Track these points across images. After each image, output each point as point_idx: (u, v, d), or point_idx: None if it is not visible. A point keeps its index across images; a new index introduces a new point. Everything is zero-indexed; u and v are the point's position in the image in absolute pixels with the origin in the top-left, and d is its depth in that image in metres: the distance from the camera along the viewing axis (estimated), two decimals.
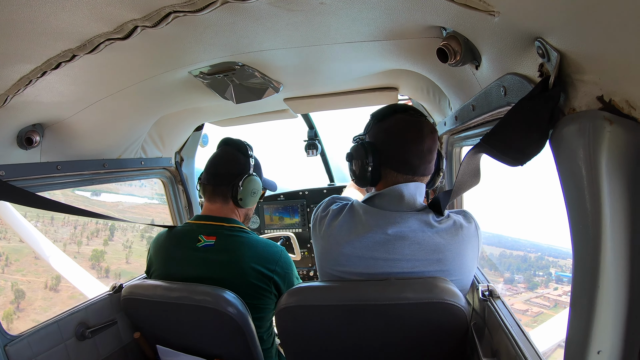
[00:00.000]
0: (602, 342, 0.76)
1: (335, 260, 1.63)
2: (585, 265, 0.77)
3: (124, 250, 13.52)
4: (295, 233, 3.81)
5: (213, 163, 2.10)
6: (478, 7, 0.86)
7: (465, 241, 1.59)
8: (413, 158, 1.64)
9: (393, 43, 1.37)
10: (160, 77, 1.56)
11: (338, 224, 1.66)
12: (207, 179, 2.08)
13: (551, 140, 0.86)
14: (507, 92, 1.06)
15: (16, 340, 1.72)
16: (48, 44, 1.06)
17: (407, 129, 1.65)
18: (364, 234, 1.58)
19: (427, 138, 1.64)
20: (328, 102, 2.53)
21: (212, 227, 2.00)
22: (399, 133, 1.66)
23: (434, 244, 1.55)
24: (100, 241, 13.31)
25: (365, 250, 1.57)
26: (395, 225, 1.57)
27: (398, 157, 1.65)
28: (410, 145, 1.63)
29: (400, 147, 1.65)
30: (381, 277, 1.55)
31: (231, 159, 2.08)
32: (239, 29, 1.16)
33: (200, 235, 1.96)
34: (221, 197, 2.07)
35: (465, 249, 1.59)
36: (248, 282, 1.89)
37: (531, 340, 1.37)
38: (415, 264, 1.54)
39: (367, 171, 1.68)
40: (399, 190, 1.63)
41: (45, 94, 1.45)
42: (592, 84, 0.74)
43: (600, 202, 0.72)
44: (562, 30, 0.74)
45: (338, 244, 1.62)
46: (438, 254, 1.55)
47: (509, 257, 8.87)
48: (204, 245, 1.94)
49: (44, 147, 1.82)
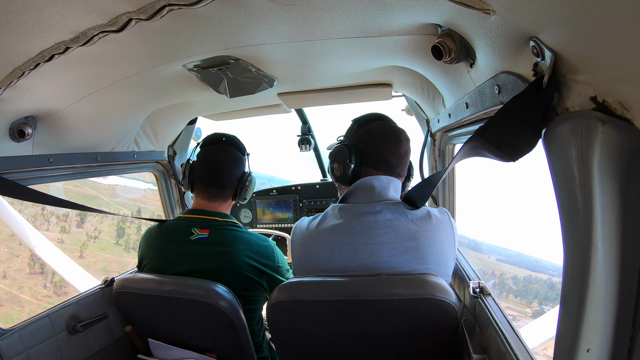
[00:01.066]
0: (592, 339, 0.77)
1: (318, 259, 1.66)
2: (575, 263, 0.78)
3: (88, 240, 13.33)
4: (286, 229, 3.83)
5: (214, 165, 2.09)
6: (474, 5, 0.86)
7: (439, 228, 1.64)
8: (392, 158, 1.78)
9: (388, 39, 1.37)
10: (154, 70, 1.55)
11: (315, 229, 1.72)
12: (207, 180, 2.08)
13: (544, 140, 0.87)
14: (501, 90, 1.06)
15: (7, 334, 1.72)
16: (41, 35, 1.04)
17: (387, 132, 1.81)
18: (340, 228, 1.64)
19: (403, 142, 1.82)
20: (322, 97, 2.53)
21: (206, 221, 2.01)
22: (380, 135, 1.80)
23: (409, 231, 1.59)
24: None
25: (343, 244, 1.62)
26: (370, 215, 1.63)
27: (378, 157, 1.78)
28: (391, 146, 1.79)
29: (381, 147, 1.79)
30: (361, 268, 1.58)
31: (234, 160, 2.11)
32: (234, 22, 1.16)
33: (193, 228, 1.96)
34: (223, 197, 2.11)
35: (439, 236, 1.63)
36: (241, 274, 1.90)
37: (521, 338, 1.38)
38: (392, 252, 1.57)
39: (348, 169, 1.78)
40: (369, 182, 1.72)
41: (38, 86, 1.44)
42: (586, 84, 0.74)
43: (591, 201, 0.73)
44: (557, 29, 0.74)
45: (317, 245, 1.67)
46: (413, 241, 1.58)
47: (535, 282, 8.26)
48: (197, 238, 1.94)
49: (36, 140, 1.81)
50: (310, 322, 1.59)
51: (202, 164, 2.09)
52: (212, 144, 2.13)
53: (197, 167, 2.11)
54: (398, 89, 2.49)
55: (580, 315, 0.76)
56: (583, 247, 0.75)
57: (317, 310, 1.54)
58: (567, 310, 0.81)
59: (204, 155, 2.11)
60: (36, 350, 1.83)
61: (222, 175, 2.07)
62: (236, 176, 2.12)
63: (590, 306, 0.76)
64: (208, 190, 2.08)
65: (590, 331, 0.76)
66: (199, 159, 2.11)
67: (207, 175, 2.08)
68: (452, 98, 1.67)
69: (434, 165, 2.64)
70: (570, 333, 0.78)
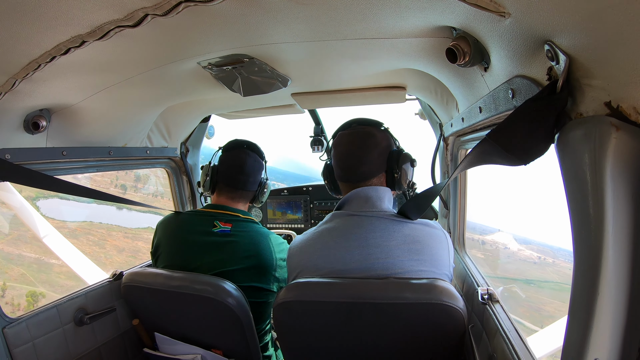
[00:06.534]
0: (600, 349, 0.75)
1: (315, 265, 1.66)
2: (585, 271, 0.77)
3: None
4: (297, 229, 3.83)
5: (241, 169, 2.20)
6: (489, 7, 0.86)
7: (434, 235, 1.65)
8: (361, 166, 1.79)
9: (402, 41, 1.36)
10: (169, 66, 1.56)
11: (312, 236, 1.76)
12: (232, 182, 2.19)
13: (557, 144, 0.86)
14: (515, 94, 1.05)
15: (14, 323, 1.74)
16: (58, 28, 1.06)
17: (343, 142, 1.85)
18: (335, 232, 1.68)
19: (370, 146, 1.79)
20: (335, 98, 2.52)
21: (228, 216, 2.10)
22: (339, 148, 1.86)
23: (403, 234, 1.60)
24: None
25: (338, 247, 1.63)
26: (365, 219, 1.66)
27: (346, 170, 1.82)
28: (345, 156, 1.82)
29: (346, 161, 1.82)
30: (357, 271, 1.58)
31: (258, 165, 2.27)
32: (249, 20, 1.16)
33: (215, 221, 2.04)
34: (244, 199, 2.25)
35: (434, 241, 1.63)
36: (260, 265, 1.99)
37: (529, 347, 1.36)
38: (388, 254, 1.58)
39: (331, 184, 2.03)
40: (364, 193, 1.74)
41: (53, 79, 1.46)
42: (600, 89, 0.73)
43: (603, 208, 0.72)
44: (572, 33, 0.73)
45: (314, 250, 1.69)
46: (408, 244, 1.59)
47: None
48: (220, 231, 2.02)
49: (50, 133, 1.83)
50: (316, 322, 1.59)
51: (227, 167, 2.20)
52: (235, 149, 2.25)
53: (220, 169, 2.21)
54: (412, 92, 2.48)
55: (589, 324, 0.75)
56: (593, 254, 0.74)
57: (324, 312, 1.53)
58: (576, 318, 0.80)
59: (229, 159, 2.22)
60: (42, 340, 1.85)
61: (248, 178, 2.20)
62: (257, 180, 2.27)
63: (599, 315, 0.74)
64: (232, 191, 2.19)
65: (599, 340, 0.75)
66: (222, 163, 2.22)
67: (233, 177, 2.19)
68: (466, 102, 1.66)
69: (445, 170, 2.62)
70: (578, 341, 0.77)
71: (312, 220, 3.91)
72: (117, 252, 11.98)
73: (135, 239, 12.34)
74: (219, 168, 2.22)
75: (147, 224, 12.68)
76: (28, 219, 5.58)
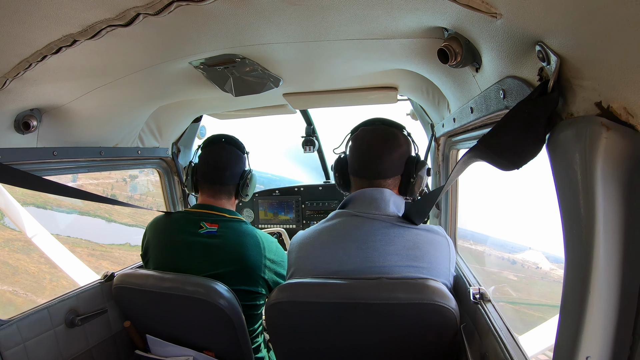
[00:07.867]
0: (591, 347, 0.76)
1: (312, 263, 1.67)
2: (576, 270, 0.78)
3: None
4: (288, 230, 3.82)
5: (216, 163, 2.15)
6: (480, 8, 0.86)
7: (435, 242, 1.64)
8: (377, 165, 1.77)
9: (394, 42, 1.36)
10: (161, 66, 1.56)
11: (312, 234, 1.76)
12: (211, 178, 2.15)
13: (548, 145, 0.86)
14: (506, 95, 1.06)
15: (5, 325, 1.72)
16: (49, 27, 1.05)
17: (365, 137, 1.81)
18: (335, 232, 1.67)
19: (393, 146, 1.77)
20: (327, 99, 2.52)
21: (214, 216, 2.07)
22: (359, 141, 1.83)
23: (404, 240, 1.60)
24: None
25: (337, 248, 1.63)
26: (366, 222, 1.64)
27: (361, 165, 1.80)
28: (375, 153, 1.77)
29: (363, 155, 1.79)
30: (354, 272, 1.58)
31: (235, 157, 2.19)
32: (241, 20, 1.16)
33: (202, 222, 2.02)
34: (226, 195, 2.18)
35: (435, 248, 1.63)
36: (247, 266, 1.95)
37: (520, 346, 1.37)
38: (386, 258, 1.57)
39: (342, 179, 1.94)
40: (370, 193, 1.73)
41: (44, 78, 1.44)
42: (591, 90, 0.74)
43: (594, 208, 0.72)
44: (564, 34, 0.74)
45: (313, 249, 1.69)
46: (408, 249, 1.58)
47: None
48: (206, 232, 1.99)
49: (40, 133, 1.81)
50: (308, 323, 1.58)
51: (204, 163, 2.16)
52: (212, 144, 2.20)
53: (199, 167, 2.18)
54: (403, 93, 2.49)
55: (580, 323, 0.76)
56: (584, 253, 0.75)
57: (316, 312, 1.53)
58: (567, 317, 0.81)
59: (206, 155, 2.18)
60: (34, 342, 1.83)
61: (224, 172, 2.14)
62: (237, 173, 2.20)
63: (591, 313, 0.75)
64: (211, 187, 2.15)
65: (590, 339, 0.76)
66: (200, 160, 2.19)
67: (210, 173, 2.14)
68: (457, 102, 1.66)
69: (437, 170, 2.63)
70: (570, 340, 0.78)
71: (303, 221, 3.89)
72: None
73: (101, 258, 10.70)
74: (198, 166, 2.19)
75: (125, 240, 11.37)
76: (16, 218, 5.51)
